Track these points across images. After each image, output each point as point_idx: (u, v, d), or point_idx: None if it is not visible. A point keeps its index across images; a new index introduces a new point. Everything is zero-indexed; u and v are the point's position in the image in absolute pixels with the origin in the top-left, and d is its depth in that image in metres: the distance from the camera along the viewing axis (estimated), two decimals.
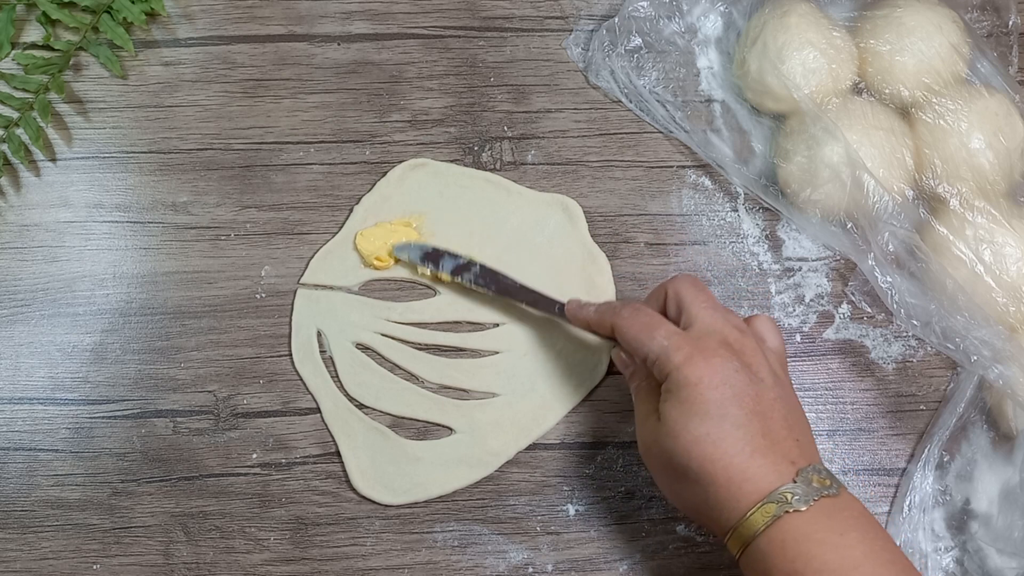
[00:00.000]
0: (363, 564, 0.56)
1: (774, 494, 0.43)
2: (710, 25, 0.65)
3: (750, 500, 0.43)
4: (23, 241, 0.60)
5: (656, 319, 0.49)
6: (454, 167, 0.62)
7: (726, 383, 0.45)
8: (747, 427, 0.44)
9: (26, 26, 0.64)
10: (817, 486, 0.43)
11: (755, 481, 0.43)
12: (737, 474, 0.44)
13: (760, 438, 0.44)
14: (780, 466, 0.44)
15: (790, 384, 0.50)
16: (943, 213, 0.58)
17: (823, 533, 0.42)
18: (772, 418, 0.45)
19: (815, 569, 0.41)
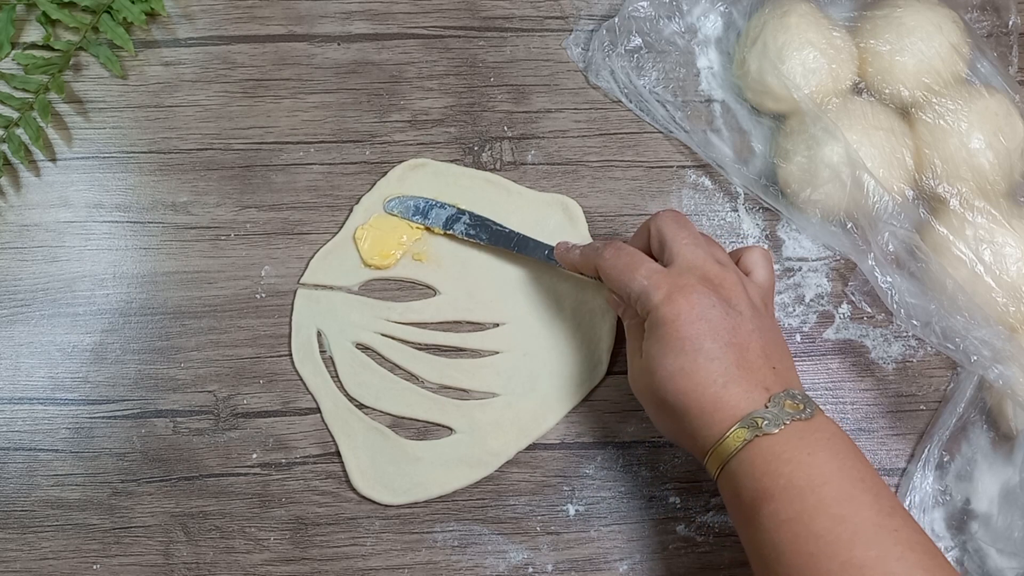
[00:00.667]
0: (363, 564, 0.56)
1: (746, 419, 0.45)
2: (710, 25, 0.65)
3: (723, 426, 0.45)
4: (23, 241, 0.60)
5: (637, 258, 0.50)
6: (454, 167, 0.62)
7: (702, 318, 0.47)
8: (721, 359, 0.46)
9: (26, 26, 0.64)
10: (790, 410, 0.45)
11: (728, 408, 0.45)
12: (710, 403, 0.46)
13: (734, 368, 0.46)
14: (753, 393, 0.46)
15: (772, 315, 0.51)
16: (943, 213, 0.58)
17: (792, 453, 0.44)
18: (748, 348, 0.47)
19: (781, 486, 0.43)
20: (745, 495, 0.44)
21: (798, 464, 0.43)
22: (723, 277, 0.49)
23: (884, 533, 0.41)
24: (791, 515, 0.42)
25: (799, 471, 0.43)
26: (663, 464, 0.58)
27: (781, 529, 0.42)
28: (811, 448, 0.44)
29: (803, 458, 0.44)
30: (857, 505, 0.42)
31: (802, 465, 0.43)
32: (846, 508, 0.42)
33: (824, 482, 0.43)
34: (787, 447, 0.44)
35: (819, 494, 0.43)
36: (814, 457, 0.44)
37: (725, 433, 0.45)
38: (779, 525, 0.42)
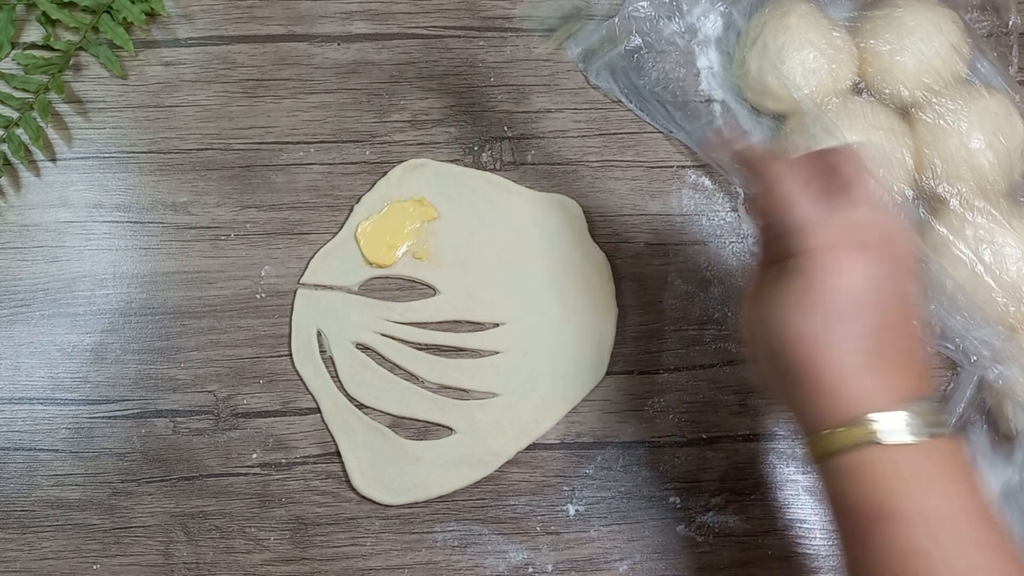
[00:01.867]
0: (363, 564, 0.56)
1: (872, 417, 0.38)
2: (710, 25, 0.65)
3: (843, 417, 0.39)
4: (23, 241, 0.60)
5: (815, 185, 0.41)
6: (454, 167, 0.62)
7: (864, 287, 0.39)
8: (871, 340, 0.39)
9: (26, 26, 0.64)
10: (932, 420, 0.39)
11: (855, 399, 0.39)
12: (836, 386, 0.39)
13: (879, 358, 0.39)
14: (891, 392, 0.39)
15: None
16: (943, 213, 0.58)
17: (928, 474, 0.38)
18: (901, 336, 0.40)
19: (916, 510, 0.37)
20: (859, 504, 0.38)
21: (935, 490, 0.38)
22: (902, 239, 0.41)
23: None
24: (922, 549, 0.37)
25: (935, 498, 0.38)
26: (663, 464, 0.58)
27: (907, 561, 0.37)
28: (952, 474, 0.38)
29: (942, 486, 0.38)
30: (996, 554, 0.37)
31: (940, 493, 0.38)
32: (987, 556, 0.37)
33: (958, 518, 0.37)
34: (928, 464, 0.38)
35: (958, 531, 0.37)
36: (954, 486, 0.38)
37: (843, 425, 0.39)
38: (904, 556, 0.37)
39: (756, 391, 0.59)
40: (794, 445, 0.58)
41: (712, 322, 0.60)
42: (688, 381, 0.59)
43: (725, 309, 0.60)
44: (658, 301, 0.60)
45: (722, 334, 0.60)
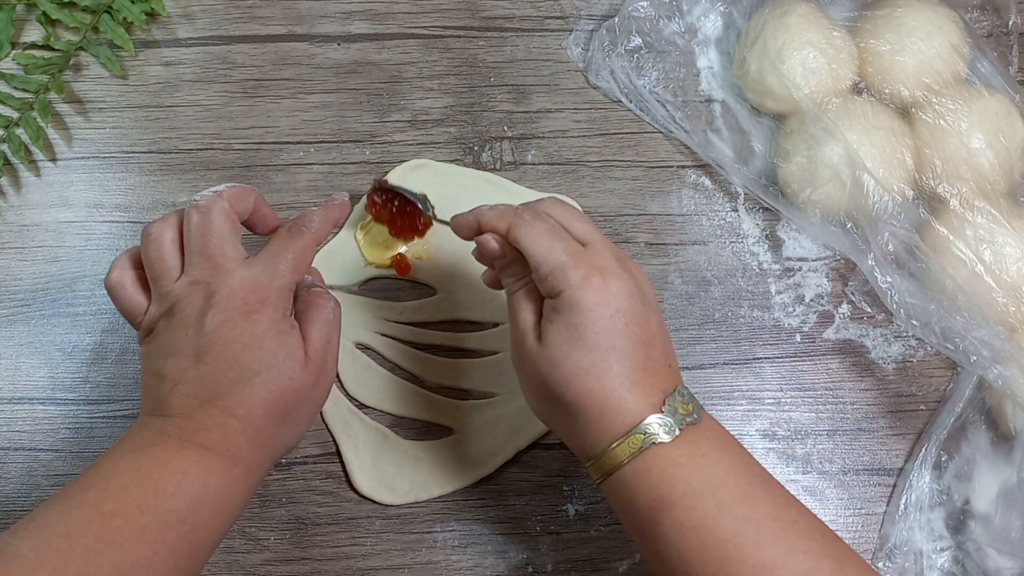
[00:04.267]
0: (363, 564, 0.56)
1: (642, 426, 0.42)
2: (710, 25, 0.65)
3: (619, 432, 0.42)
4: (23, 241, 0.60)
5: (560, 229, 0.45)
6: (454, 167, 0.62)
7: (620, 311, 0.43)
8: (632, 359, 0.43)
9: (26, 26, 0.64)
10: (682, 413, 0.43)
11: (627, 414, 0.42)
12: (611, 407, 0.42)
13: (641, 370, 0.43)
14: (653, 396, 0.43)
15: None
16: (943, 213, 0.58)
17: (687, 457, 0.42)
18: (655, 347, 0.44)
19: (680, 492, 0.41)
20: (642, 503, 0.42)
21: (694, 468, 0.42)
22: (632, 261, 0.46)
23: (786, 527, 0.41)
24: (694, 522, 0.41)
25: (696, 475, 0.42)
26: None
27: (686, 537, 0.40)
28: (703, 450, 0.43)
29: (698, 461, 0.42)
30: (755, 502, 0.41)
31: (698, 468, 0.42)
32: (747, 507, 0.41)
33: (721, 484, 0.41)
34: (682, 451, 0.42)
35: (718, 496, 0.41)
36: (707, 459, 0.42)
37: (619, 438, 0.42)
38: (683, 534, 0.41)
39: (756, 391, 0.59)
40: (794, 445, 0.58)
41: (712, 322, 0.60)
42: (688, 381, 0.59)
43: (725, 309, 0.60)
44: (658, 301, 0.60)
45: (722, 334, 0.60)
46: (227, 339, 0.43)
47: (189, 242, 0.46)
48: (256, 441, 0.44)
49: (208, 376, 0.43)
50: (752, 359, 0.60)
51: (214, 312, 0.44)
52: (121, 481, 0.40)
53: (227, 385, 0.43)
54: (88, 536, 0.38)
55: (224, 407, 0.43)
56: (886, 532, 0.56)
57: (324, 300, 0.48)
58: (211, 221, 0.46)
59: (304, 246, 0.47)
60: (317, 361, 0.46)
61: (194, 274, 0.45)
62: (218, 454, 0.42)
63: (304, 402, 0.46)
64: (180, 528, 0.40)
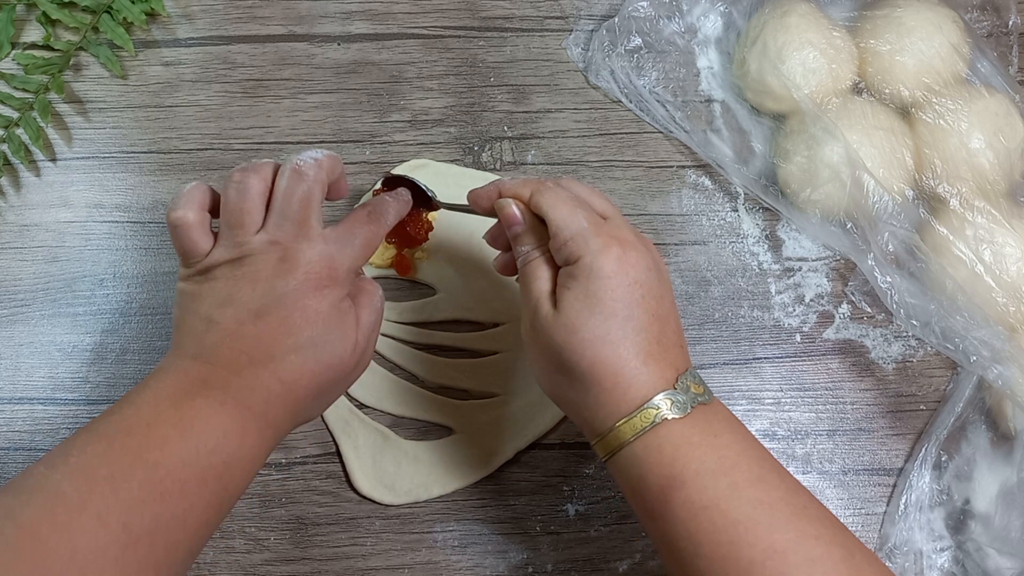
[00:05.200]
0: (363, 564, 0.56)
1: (655, 400, 0.42)
2: (710, 25, 0.65)
3: (631, 405, 0.42)
4: (23, 241, 0.60)
5: (581, 200, 0.46)
6: (454, 167, 0.62)
7: (638, 282, 0.43)
8: (647, 331, 0.43)
9: (26, 26, 0.64)
10: (694, 393, 0.43)
11: (640, 387, 0.42)
12: (624, 379, 0.42)
13: (655, 343, 0.43)
14: (666, 373, 0.43)
15: None
16: (943, 213, 0.58)
17: (700, 436, 0.42)
18: (669, 323, 0.44)
19: (694, 471, 0.41)
20: (652, 481, 0.41)
21: (707, 448, 0.41)
22: (648, 239, 0.46)
23: (797, 512, 0.40)
24: (706, 502, 0.40)
25: (709, 455, 0.41)
26: None
27: (697, 517, 0.40)
28: (716, 430, 0.42)
29: (711, 441, 0.42)
30: (767, 486, 0.41)
31: (711, 448, 0.41)
32: (759, 490, 0.41)
33: (733, 465, 0.41)
34: (695, 431, 0.42)
35: (731, 477, 0.41)
36: (720, 439, 0.42)
37: (631, 413, 0.42)
38: (694, 514, 0.40)
39: (756, 391, 0.59)
40: (794, 445, 0.58)
41: (712, 322, 0.60)
42: None
43: (725, 309, 0.60)
44: None
45: (722, 334, 0.60)
46: (294, 306, 0.43)
47: (278, 202, 0.45)
48: (291, 409, 0.44)
49: (265, 336, 0.43)
50: (752, 359, 0.60)
51: (288, 276, 0.43)
52: (164, 431, 0.40)
53: (282, 351, 0.43)
54: (132, 483, 0.38)
55: (273, 370, 0.43)
56: (886, 532, 0.56)
57: (373, 287, 0.48)
58: (308, 188, 0.45)
59: (377, 234, 0.48)
60: (363, 345, 0.46)
61: (276, 234, 0.44)
62: (256, 415, 0.42)
63: (342, 382, 0.46)
64: (216, 485, 0.40)
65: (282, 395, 0.43)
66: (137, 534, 0.37)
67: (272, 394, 0.43)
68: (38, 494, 0.37)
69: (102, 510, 0.37)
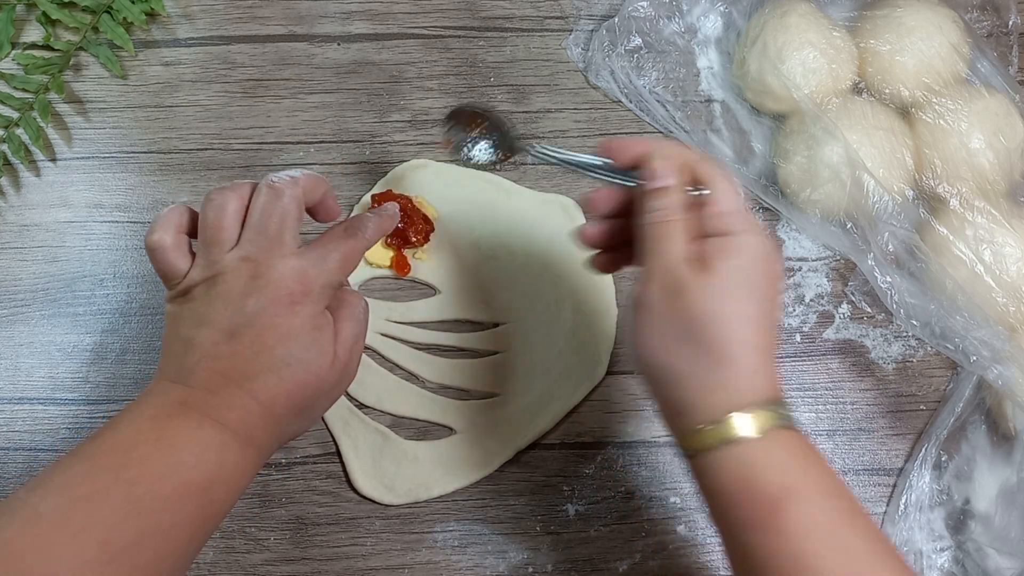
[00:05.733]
0: (363, 564, 0.56)
1: (781, 403, 0.40)
2: (710, 25, 0.65)
3: (756, 398, 0.40)
4: (23, 241, 0.60)
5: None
6: (454, 167, 0.62)
7: (777, 277, 0.43)
8: (774, 331, 0.42)
9: (26, 26, 0.64)
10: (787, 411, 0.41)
11: (766, 384, 0.40)
12: (755, 370, 0.40)
13: (773, 347, 0.42)
14: (776, 379, 0.41)
15: None
16: (943, 213, 0.58)
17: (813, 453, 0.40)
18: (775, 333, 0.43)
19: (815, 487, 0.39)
20: (764, 487, 0.39)
21: (822, 466, 0.40)
22: None
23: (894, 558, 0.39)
24: (827, 522, 0.38)
25: (829, 473, 0.40)
26: (663, 464, 0.58)
27: (812, 535, 0.38)
28: (813, 452, 0.41)
29: (815, 462, 0.40)
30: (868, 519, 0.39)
31: (824, 467, 0.40)
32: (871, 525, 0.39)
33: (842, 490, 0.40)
34: (802, 445, 0.40)
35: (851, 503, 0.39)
36: (821, 462, 0.40)
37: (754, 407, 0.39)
38: (810, 531, 0.38)
39: None
40: None
41: None
42: None
43: None
44: None
45: None
46: (266, 324, 0.43)
47: (252, 218, 0.45)
48: (271, 427, 0.43)
49: (239, 356, 0.42)
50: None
51: (259, 294, 0.43)
52: (143, 449, 0.40)
53: (256, 370, 0.42)
54: (112, 500, 0.38)
55: (249, 390, 0.42)
56: (886, 532, 0.56)
57: (356, 299, 0.47)
58: (281, 204, 0.45)
59: (355, 248, 0.47)
60: (344, 359, 0.45)
61: (248, 250, 0.44)
62: (234, 433, 0.42)
63: (323, 397, 0.46)
64: (198, 500, 0.41)
65: (260, 414, 0.43)
66: (117, 550, 0.37)
67: (250, 413, 0.42)
68: (17, 515, 0.37)
69: (81, 528, 0.37)
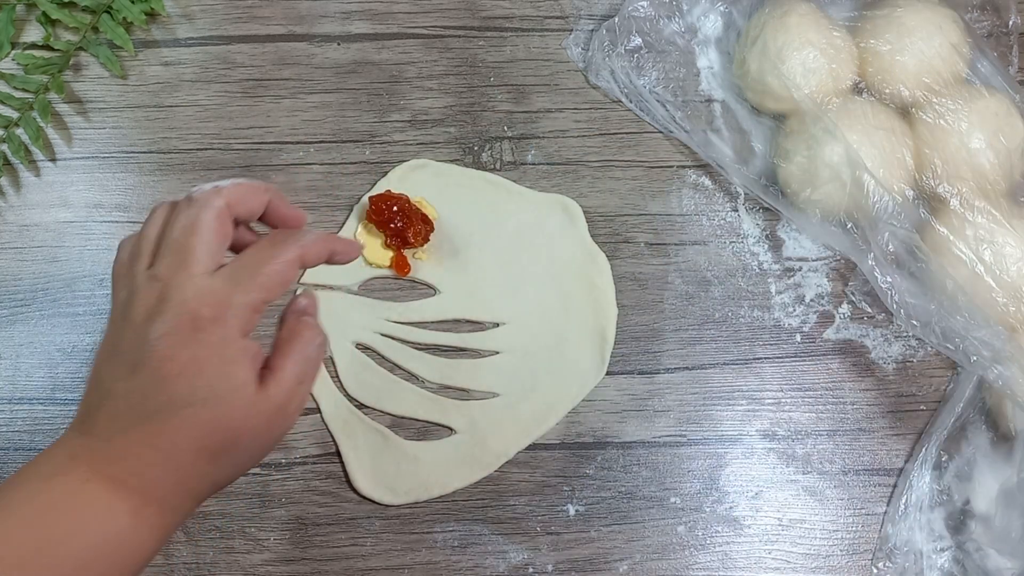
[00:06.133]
0: (363, 564, 0.56)
1: None
2: (710, 25, 0.65)
3: None
4: (23, 241, 0.60)
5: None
6: (454, 167, 0.62)
7: None
8: None
9: (26, 26, 0.64)
10: None
11: None
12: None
13: None
14: None
15: None
16: (943, 213, 0.58)
17: None
18: None
19: None
20: None
21: None
22: None
23: None
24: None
25: None
26: (663, 464, 0.58)
27: None
28: None
29: None
30: None
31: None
32: None
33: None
34: None
35: None
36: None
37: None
38: None
39: (756, 391, 0.59)
40: (794, 445, 0.58)
41: (712, 322, 0.60)
42: (688, 381, 0.59)
43: (725, 309, 0.60)
44: (658, 301, 0.60)
45: (722, 334, 0.60)
46: (164, 355, 0.36)
47: (167, 231, 0.39)
48: (177, 479, 0.37)
49: (136, 394, 0.37)
50: (752, 359, 0.60)
51: (161, 319, 0.37)
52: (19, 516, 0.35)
53: (153, 409, 0.36)
54: None
55: (145, 434, 0.36)
56: (886, 532, 0.56)
57: (311, 333, 0.41)
58: (196, 216, 0.39)
59: (284, 261, 0.40)
60: (278, 401, 0.38)
61: (159, 267, 0.38)
62: (129, 490, 0.36)
63: (247, 442, 0.38)
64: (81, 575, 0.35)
65: (160, 464, 0.37)
66: None
67: (147, 463, 0.36)
68: None
69: None
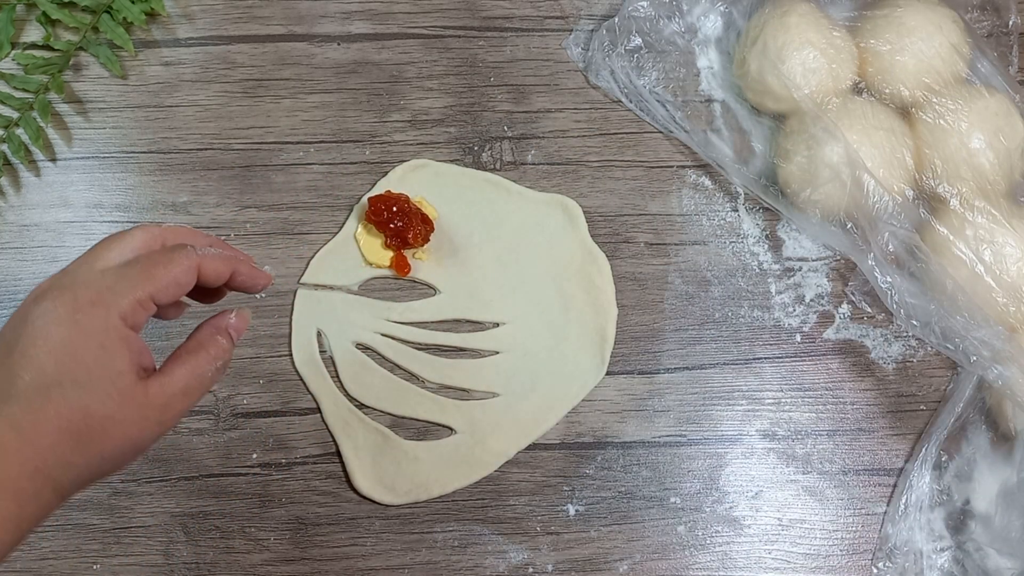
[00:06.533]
0: (363, 564, 0.56)
1: None
2: (710, 25, 0.65)
3: None
4: (23, 241, 0.60)
5: None
6: (454, 167, 0.62)
7: None
8: None
9: (26, 26, 0.64)
10: None
11: None
12: None
13: None
14: None
15: None
16: (943, 213, 0.58)
17: None
18: None
19: None
20: None
21: None
22: None
23: None
24: None
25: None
26: (663, 464, 0.58)
27: None
28: None
29: None
30: None
31: None
32: None
33: None
34: None
35: None
36: None
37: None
38: None
39: (756, 391, 0.59)
40: (794, 445, 0.58)
41: (712, 322, 0.60)
42: (688, 381, 0.59)
43: (725, 309, 0.60)
44: (658, 301, 0.60)
45: (722, 334, 0.60)
46: (39, 335, 0.36)
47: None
48: (35, 466, 0.35)
49: (5, 373, 0.36)
50: (752, 359, 0.60)
51: (43, 302, 0.37)
52: None
53: (20, 389, 0.35)
54: None
55: (7, 415, 0.35)
56: (886, 532, 0.56)
57: (217, 352, 0.40)
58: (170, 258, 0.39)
59: (179, 264, 0.38)
60: (157, 402, 0.37)
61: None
62: None
63: (115, 433, 0.37)
64: None
65: (17, 449, 0.35)
66: None
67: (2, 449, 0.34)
68: None
69: None
